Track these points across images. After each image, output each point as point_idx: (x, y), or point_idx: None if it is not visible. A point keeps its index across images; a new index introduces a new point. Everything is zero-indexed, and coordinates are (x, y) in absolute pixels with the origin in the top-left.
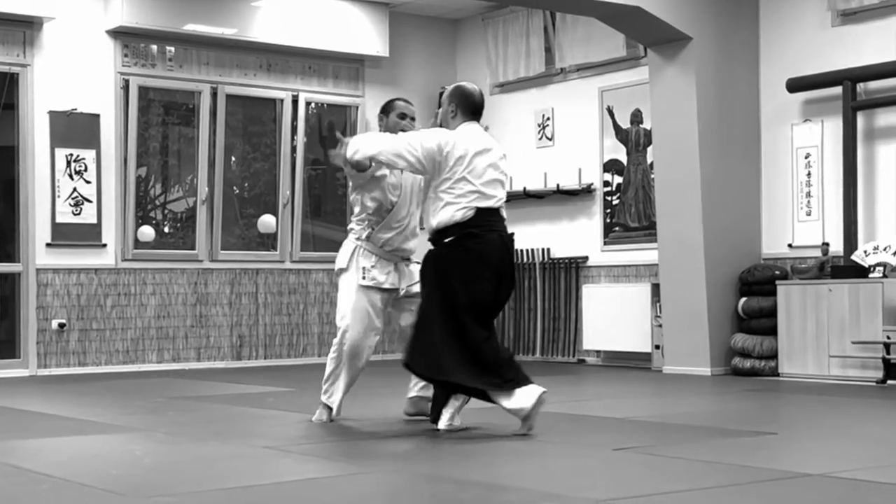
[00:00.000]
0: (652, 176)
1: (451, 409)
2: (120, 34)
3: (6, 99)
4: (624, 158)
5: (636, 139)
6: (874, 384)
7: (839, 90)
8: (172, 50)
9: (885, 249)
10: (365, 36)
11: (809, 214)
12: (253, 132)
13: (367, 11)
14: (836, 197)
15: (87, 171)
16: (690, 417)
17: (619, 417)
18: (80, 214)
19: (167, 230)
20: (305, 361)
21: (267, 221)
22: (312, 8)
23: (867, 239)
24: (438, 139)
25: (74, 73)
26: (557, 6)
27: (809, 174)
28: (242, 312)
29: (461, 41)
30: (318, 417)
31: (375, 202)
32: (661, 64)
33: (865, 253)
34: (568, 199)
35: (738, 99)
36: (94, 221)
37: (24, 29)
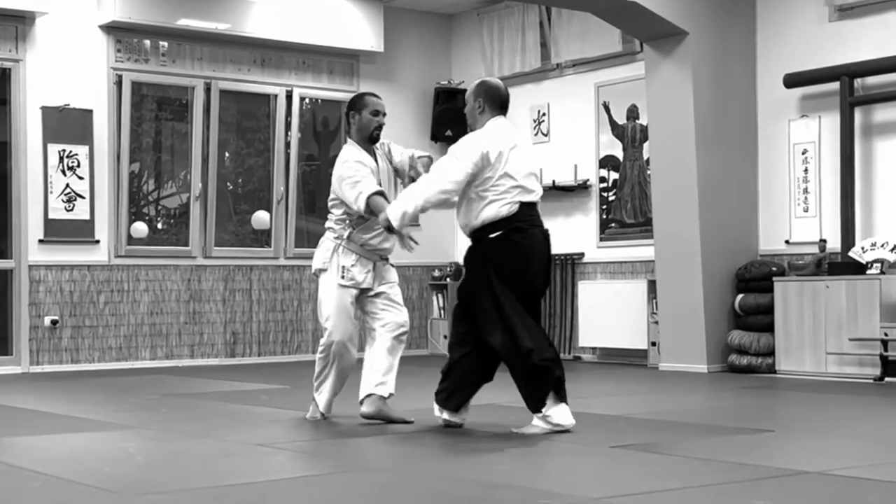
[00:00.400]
0: (648, 172)
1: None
2: (113, 29)
3: None
4: (620, 154)
5: (632, 135)
6: (871, 381)
7: (836, 86)
8: (166, 45)
9: (882, 246)
10: (360, 31)
11: (807, 211)
12: (247, 128)
13: (361, 6)
14: (833, 193)
15: (79, 166)
16: (687, 415)
17: (615, 415)
18: (72, 210)
19: (160, 226)
20: (299, 358)
21: (261, 217)
22: (307, 3)
23: (864, 235)
24: (479, 149)
25: (67, 68)
26: (553, 1)
27: (806, 170)
28: (236, 309)
29: (456, 36)
30: (311, 415)
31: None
32: (657, 59)
33: (863, 249)
34: (564, 195)
35: (734, 94)
36: (86, 217)
37: (16, 24)
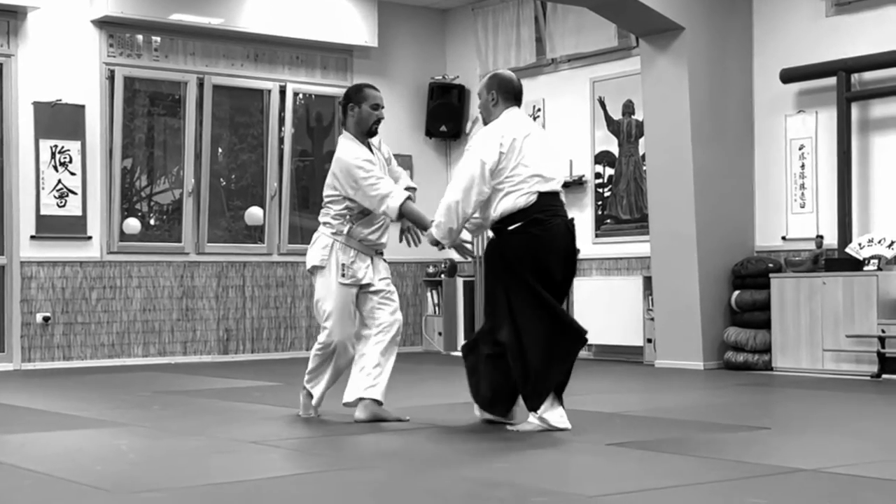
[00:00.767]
0: (644, 168)
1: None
2: (105, 24)
3: None
4: (615, 150)
5: (628, 130)
6: (868, 378)
7: (833, 81)
8: (158, 40)
9: (879, 242)
10: (353, 26)
11: (803, 206)
12: (240, 123)
13: (355, 1)
14: (830, 189)
15: (71, 162)
16: (683, 412)
17: (610, 412)
18: (64, 206)
19: (153, 222)
20: (293, 355)
21: (254, 213)
22: None
23: (862, 231)
24: (496, 141)
25: (59, 63)
26: None
27: (803, 166)
28: (229, 306)
29: (451, 31)
30: (305, 412)
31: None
32: (653, 54)
33: (860, 245)
34: None
35: (731, 90)
36: (78, 213)
37: (7, 19)
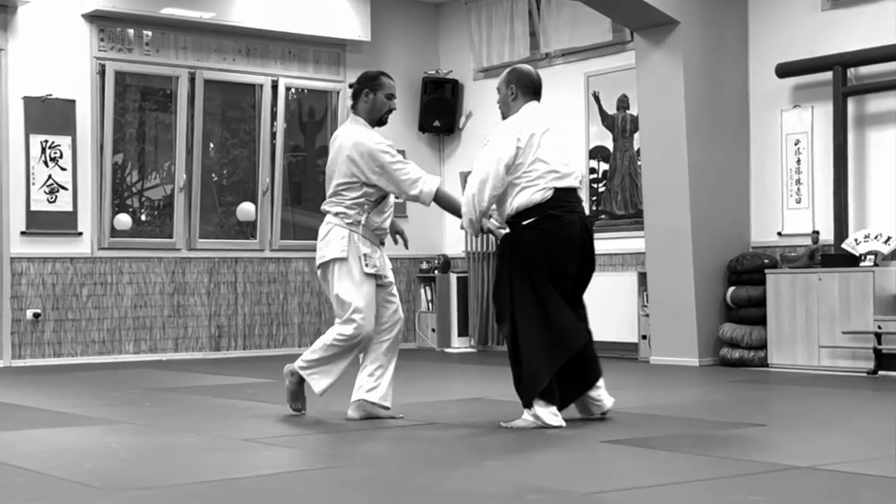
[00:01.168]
0: (639, 163)
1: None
2: (96, 18)
3: None
4: (610, 145)
5: (623, 125)
6: (865, 375)
7: (829, 75)
8: (149, 34)
9: (876, 237)
10: (346, 20)
11: (799, 202)
12: (232, 118)
13: None
14: (826, 184)
15: (62, 157)
16: (678, 409)
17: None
18: (55, 202)
19: (144, 218)
20: (285, 352)
21: (246, 209)
22: None
23: (858, 227)
24: (514, 136)
25: (49, 57)
26: None
27: (799, 161)
28: (221, 302)
29: (444, 25)
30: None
31: (381, 189)
32: (647, 49)
33: (856, 241)
34: None
35: (726, 84)
36: (69, 209)
37: None
